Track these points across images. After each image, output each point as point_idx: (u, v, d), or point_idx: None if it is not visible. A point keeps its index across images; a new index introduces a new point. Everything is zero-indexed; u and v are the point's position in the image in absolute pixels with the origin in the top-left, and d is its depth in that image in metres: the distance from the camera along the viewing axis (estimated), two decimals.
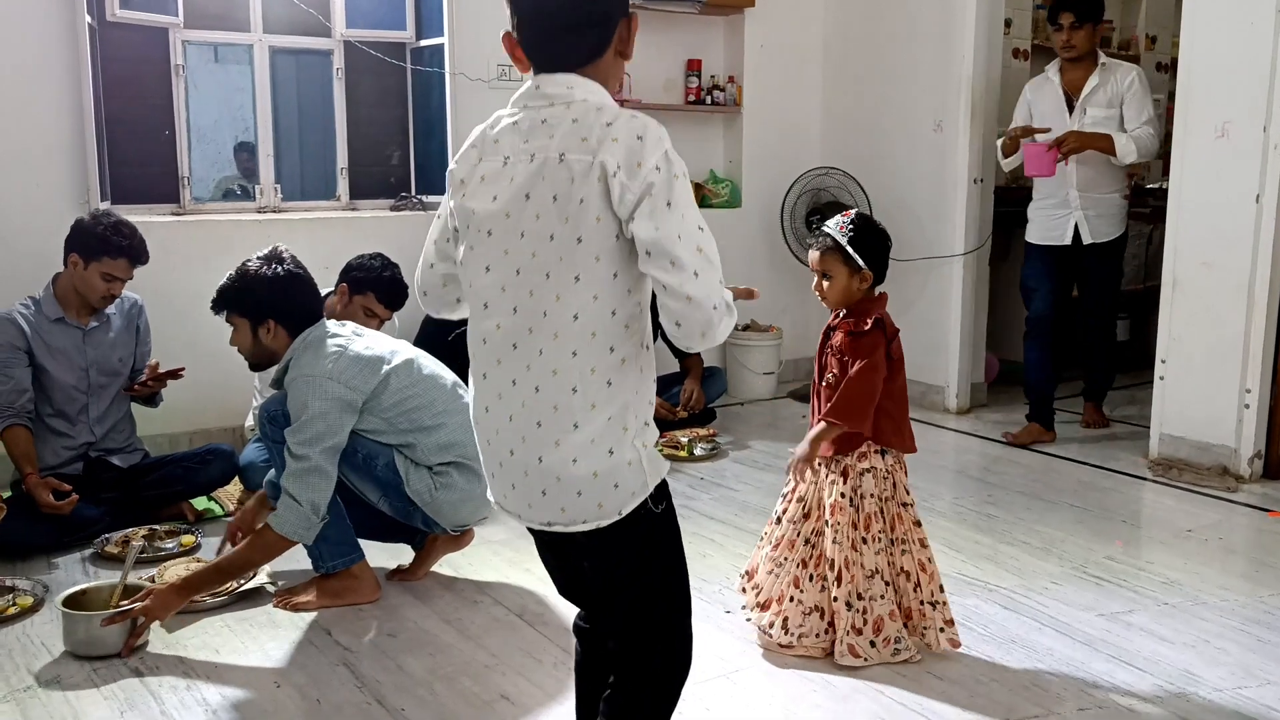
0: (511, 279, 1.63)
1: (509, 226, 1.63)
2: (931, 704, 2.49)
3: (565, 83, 1.63)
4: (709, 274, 1.56)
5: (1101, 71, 4.63)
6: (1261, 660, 2.72)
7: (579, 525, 1.65)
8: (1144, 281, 6.23)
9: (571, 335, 1.59)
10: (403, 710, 2.46)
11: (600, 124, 1.57)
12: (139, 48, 4.42)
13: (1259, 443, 4.20)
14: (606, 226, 1.57)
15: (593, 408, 1.61)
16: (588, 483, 1.62)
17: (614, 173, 1.54)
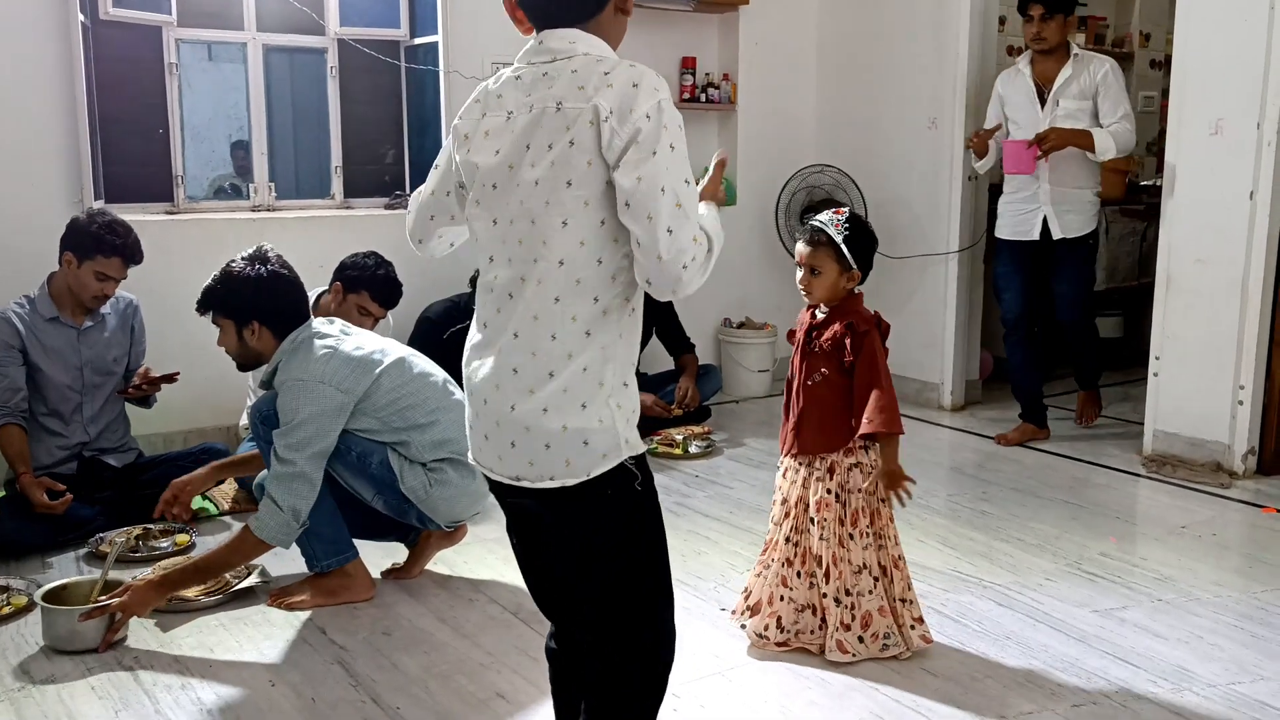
0: (508, 229, 1.64)
1: (511, 178, 1.64)
2: (926, 701, 2.50)
3: (568, 37, 1.65)
4: (684, 229, 1.56)
5: (1074, 63, 4.53)
6: (1255, 656, 2.73)
7: (545, 481, 1.63)
8: (1138, 278, 6.24)
9: (556, 280, 1.59)
10: (398, 709, 2.46)
11: (599, 73, 1.58)
12: (132, 46, 4.41)
13: (1252, 439, 4.21)
14: (596, 171, 1.57)
15: (569, 356, 1.60)
16: (556, 436, 1.60)
17: (605, 117, 1.54)
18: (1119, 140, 4.43)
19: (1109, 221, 6.07)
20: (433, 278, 4.65)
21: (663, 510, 1.74)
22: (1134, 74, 7.31)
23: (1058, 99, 4.53)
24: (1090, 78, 4.49)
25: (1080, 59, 4.54)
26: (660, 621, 1.75)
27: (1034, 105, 4.58)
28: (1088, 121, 4.48)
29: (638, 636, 1.74)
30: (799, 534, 2.72)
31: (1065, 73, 4.52)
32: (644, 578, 1.72)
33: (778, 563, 2.74)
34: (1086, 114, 4.50)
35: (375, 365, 2.95)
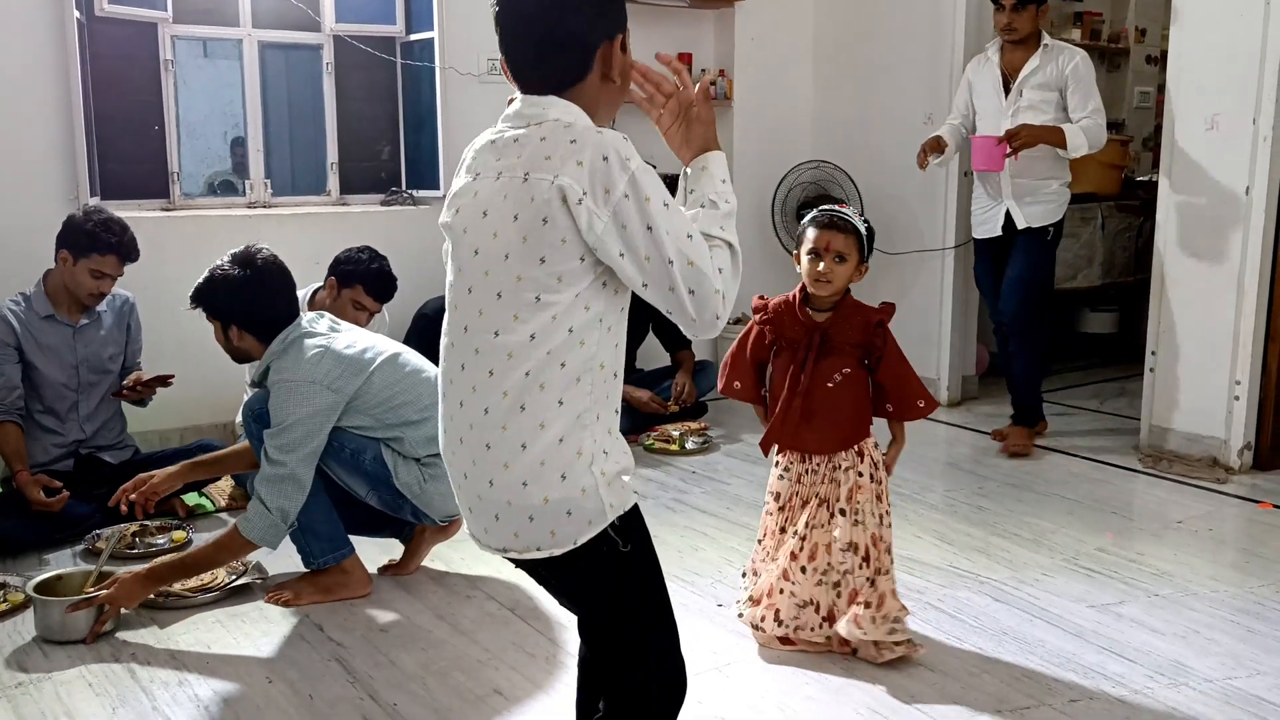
0: (464, 297, 1.61)
1: (466, 243, 1.61)
2: (923, 695, 2.50)
3: (541, 104, 1.61)
4: (704, 284, 1.55)
5: (1043, 53, 4.40)
6: (1251, 650, 2.74)
7: (532, 553, 1.61)
8: (1134, 274, 6.24)
9: (526, 355, 1.55)
10: (395, 705, 2.46)
11: (565, 142, 1.54)
12: (128, 43, 4.40)
13: (1248, 434, 4.22)
14: (571, 249, 1.53)
15: (541, 427, 1.56)
16: (539, 509, 1.58)
17: (579, 199, 1.50)
18: (1090, 136, 4.30)
19: (1105, 217, 6.09)
20: (429, 274, 4.64)
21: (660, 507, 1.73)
22: (1130, 70, 7.31)
23: (1021, 89, 4.42)
24: (1058, 69, 4.37)
25: (1050, 50, 4.41)
26: (656, 661, 1.72)
27: (998, 95, 4.49)
28: (1052, 112, 4.37)
29: (649, 667, 1.72)
30: (809, 528, 2.68)
31: (1032, 63, 4.41)
32: (642, 621, 1.71)
33: (784, 555, 2.72)
34: (1051, 105, 4.38)
35: (368, 364, 2.94)
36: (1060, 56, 4.39)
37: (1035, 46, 4.43)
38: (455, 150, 4.76)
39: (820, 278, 2.63)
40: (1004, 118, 4.42)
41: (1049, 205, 4.49)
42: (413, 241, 4.75)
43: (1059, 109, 4.38)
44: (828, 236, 2.62)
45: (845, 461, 2.68)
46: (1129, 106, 7.34)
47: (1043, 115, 4.36)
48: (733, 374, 2.82)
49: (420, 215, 4.88)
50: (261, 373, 2.95)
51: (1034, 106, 4.38)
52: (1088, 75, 4.35)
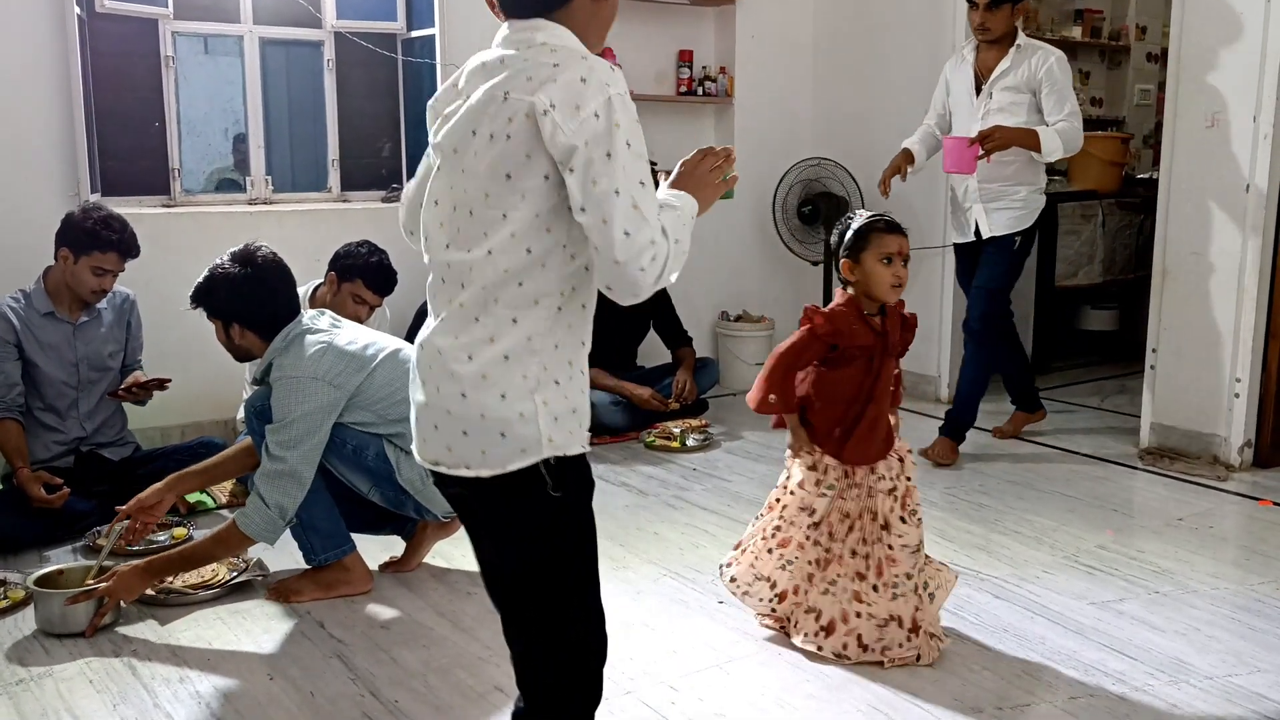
0: (449, 214, 1.62)
1: (455, 163, 1.62)
2: (924, 692, 2.50)
3: (531, 26, 1.61)
4: (641, 232, 1.49)
5: (1016, 54, 4.22)
6: (1252, 647, 2.74)
7: (461, 469, 1.59)
8: (1135, 271, 6.25)
9: (486, 270, 1.56)
10: (397, 702, 2.46)
11: (548, 64, 1.54)
12: (128, 39, 4.40)
13: (1249, 431, 4.22)
14: (535, 164, 1.53)
15: (490, 340, 1.56)
16: (474, 423, 1.56)
17: (544, 110, 1.49)
18: (1066, 139, 4.14)
19: (1105, 214, 6.09)
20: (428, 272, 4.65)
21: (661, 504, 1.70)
22: (1130, 67, 7.32)
23: (992, 90, 4.26)
24: (1030, 71, 4.20)
25: (1023, 50, 4.24)
26: (573, 642, 1.67)
27: (970, 96, 4.35)
28: (1024, 114, 4.21)
29: (549, 647, 1.67)
30: (869, 545, 2.62)
31: (1004, 63, 4.24)
32: (552, 582, 1.64)
33: (845, 578, 2.63)
34: (1024, 107, 4.22)
35: (370, 359, 2.94)
36: (1034, 57, 4.21)
37: (1009, 46, 4.26)
38: None
39: (898, 282, 2.60)
40: (974, 119, 4.30)
41: (1016, 213, 4.30)
42: None
43: (1032, 111, 4.22)
44: (899, 241, 2.60)
45: (887, 470, 2.64)
46: (1129, 104, 7.34)
47: (1013, 118, 4.21)
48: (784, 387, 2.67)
49: None
50: (263, 370, 2.95)
51: (1004, 109, 4.23)
52: (1063, 77, 4.20)
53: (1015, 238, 4.31)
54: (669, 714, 2.41)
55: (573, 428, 1.62)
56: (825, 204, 5.46)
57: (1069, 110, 4.16)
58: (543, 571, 1.64)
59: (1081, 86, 7.19)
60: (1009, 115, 4.21)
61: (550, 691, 1.70)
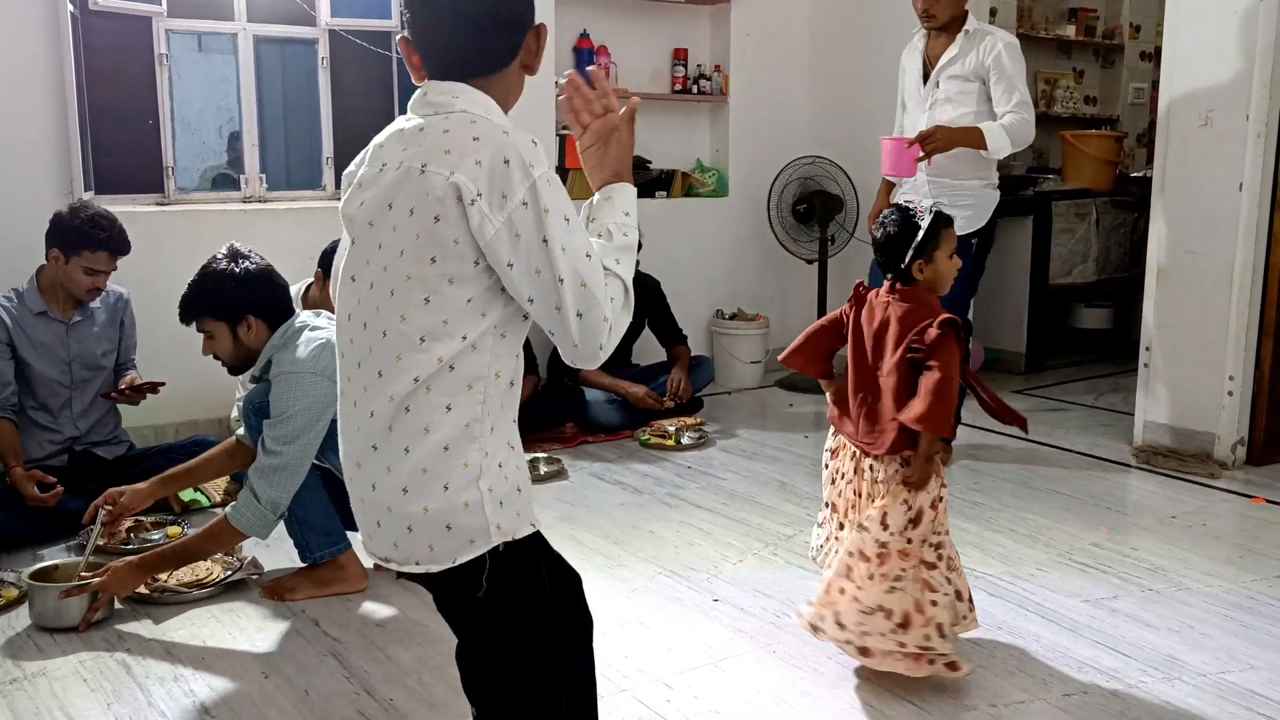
0: (366, 292, 1.54)
1: (370, 236, 1.54)
2: (918, 689, 2.50)
3: (451, 91, 1.53)
4: (593, 310, 1.45)
5: (964, 40, 4.00)
6: (1245, 645, 2.75)
7: (411, 566, 1.52)
8: (1129, 270, 6.26)
9: (414, 359, 1.47)
10: (392, 700, 2.46)
11: (468, 138, 1.46)
12: (122, 36, 4.39)
13: (1242, 429, 4.23)
14: (464, 250, 1.45)
15: (425, 431, 1.47)
16: (418, 519, 1.49)
17: (472, 200, 1.43)
18: (1013, 134, 3.91)
19: (1099, 213, 6.11)
20: None
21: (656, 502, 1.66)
22: (1124, 66, 7.33)
23: (940, 79, 4.06)
24: (979, 57, 3.97)
25: (972, 36, 4.01)
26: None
27: (919, 85, 4.15)
28: (974, 105, 4.01)
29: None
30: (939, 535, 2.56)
31: (951, 50, 4.02)
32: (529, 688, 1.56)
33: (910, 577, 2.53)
34: (973, 97, 4.01)
35: None
36: (982, 44, 3.98)
37: (957, 33, 4.04)
38: None
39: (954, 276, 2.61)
40: (922, 110, 4.12)
41: (970, 210, 4.06)
42: None
43: (982, 100, 4.01)
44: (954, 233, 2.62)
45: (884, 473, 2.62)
46: (1123, 102, 7.36)
47: (961, 108, 4.01)
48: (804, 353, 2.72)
49: None
50: (262, 367, 2.95)
51: (951, 99, 4.02)
52: (1012, 64, 3.95)
53: (971, 240, 4.05)
54: (664, 711, 2.41)
55: (520, 508, 1.55)
56: (820, 202, 5.47)
57: (1017, 100, 3.93)
58: (512, 668, 1.56)
59: (1076, 85, 7.21)
60: (957, 106, 4.01)
61: None
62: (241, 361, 3.00)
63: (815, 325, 2.77)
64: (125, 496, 3.09)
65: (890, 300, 2.58)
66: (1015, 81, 3.94)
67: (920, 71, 4.13)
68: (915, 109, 4.13)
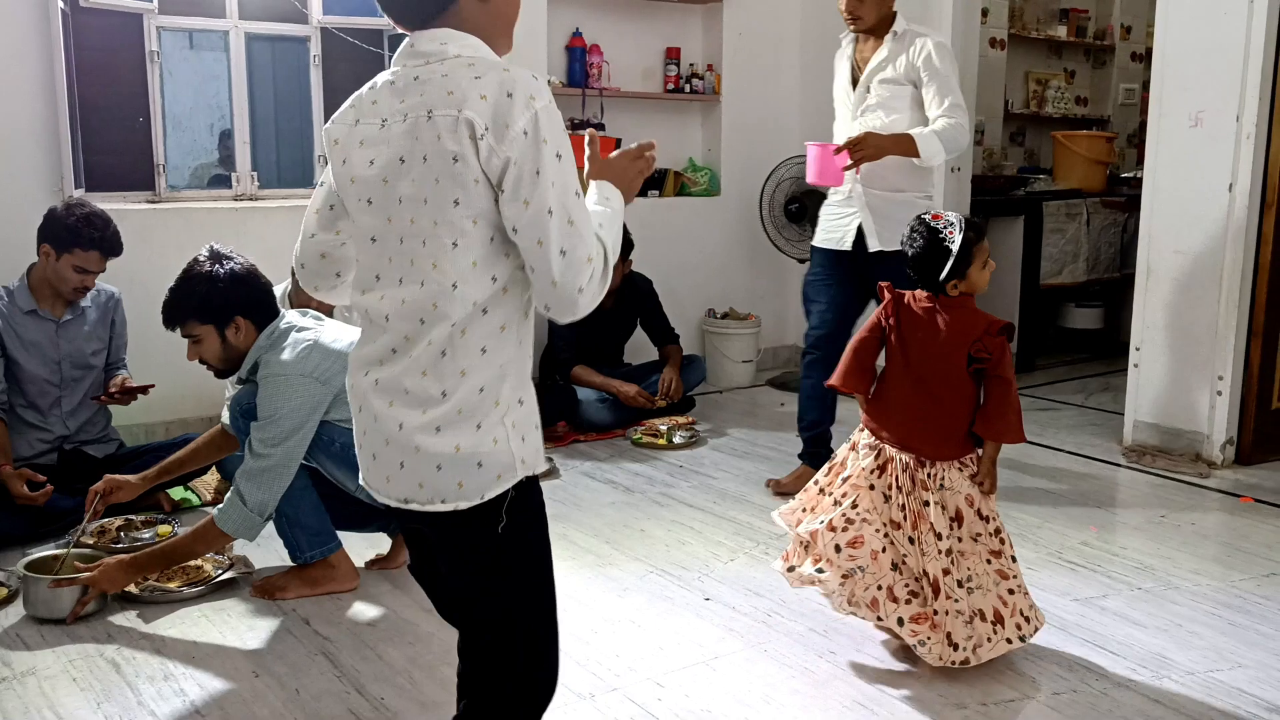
0: (396, 248, 1.55)
1: (388, 193, 1.54)
2: (908, 687, 2.51)
3: (439, 38, 1.54)
4: (577, 249, 1.48)
5: (893, 42, 3.73)
6: (1233, 643, 2.76)
7: (436, 504, 1.54)
8: (1119, 270, 6.29)
9: (450, 303, 1.50)
10: (382, 699, 2.46)
11: (469, 77, 1.47)
12: (112, 33, 4.38)
13: (1231, 429, 4.25)
14: (483, 188, 1.48)
15: (462, 374, 1.51)
16: (449, 457, 1.52)
17: (481, 133, 1.45)
18: (945, 139, 3.63)
19: (1090, 213, 6.13)
20: None
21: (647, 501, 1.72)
22: (1115, 66, 7.36)
23: (869, 84, 3.78)
24: (909, 60, 3.71)
25: (901, 38, 3.74)
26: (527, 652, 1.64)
27: (848, 90, 3.87)
28: (907, 111, 3.73)
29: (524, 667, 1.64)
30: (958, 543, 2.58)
31: (880, 54, 3.75)
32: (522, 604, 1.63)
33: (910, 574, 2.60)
34: (905, 101, 3.73)
35: None
36: (912, 46, 3.72)
37: (885, 34, 3.77)
38: None
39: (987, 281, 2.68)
40: (852, 117, 3.83)
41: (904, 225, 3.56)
42: None
43: (915, 105, 3.74)
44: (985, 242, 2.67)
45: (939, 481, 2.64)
46: (1114, 103, 7.38)
47: (894, 114, 3.73)
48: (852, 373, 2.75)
49: None
50: (249, 369, 2.94)
51: (884, 104, 3.75)
52: (944, 65, 3.69)
53: None
54: (655, 710, 2.42)
55: (537, 443, 1.60)
56: (811, 201, 5.47)
57: (950, 103, 3.67)
58: (512, 589, 1.62)
59: (1067, 85, 7.23)
60: (890, 112, 3.73)
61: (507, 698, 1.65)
62: (229, 365, 2.98)
63: (858, 340, 2.77)
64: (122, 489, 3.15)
65: (934, 308, 2.66)
66: (947, 83, 3.69)
67: (849, 77, 3.87)
68: (845, 115, 3.88)
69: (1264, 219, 4.13)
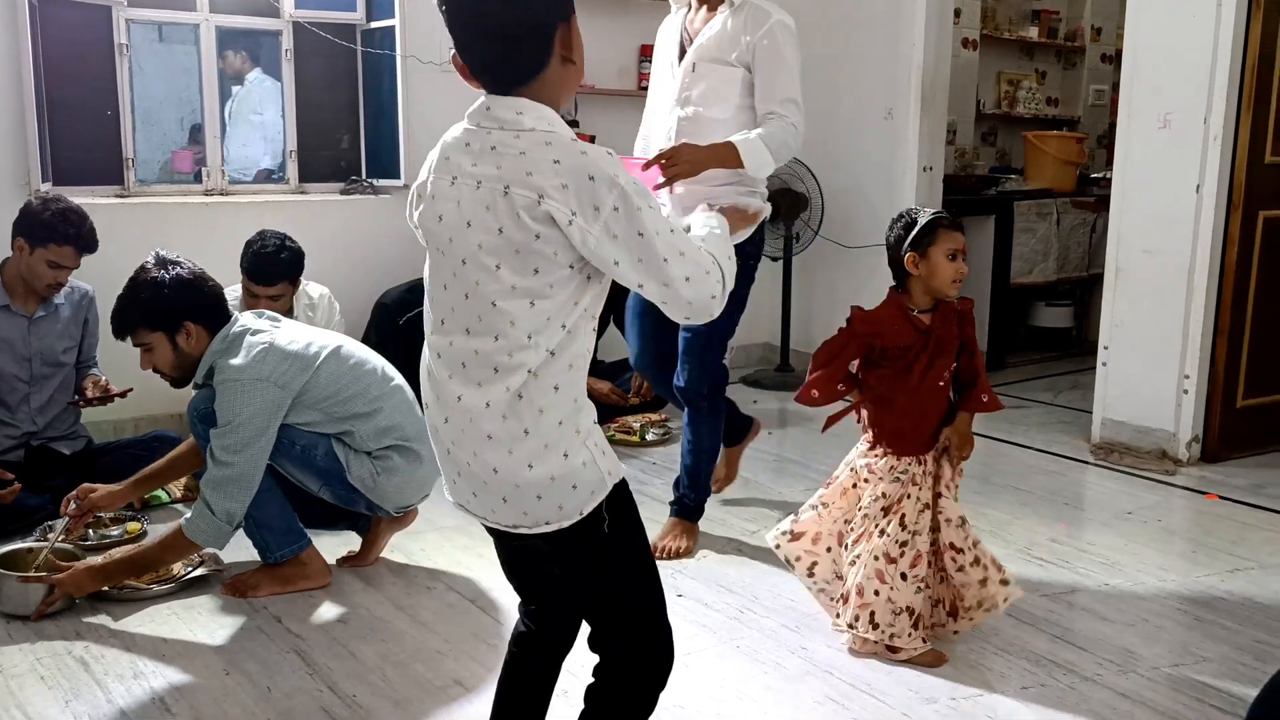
0: (461, 302, 1.64)
1: (455, 250, 1.63)
2: (878, 683, 2.53)
3: (515, 107, 1.60)
4: (697, 269, 1.61)
5: (731, 15, 3.09)
6: (1199, 638, 2.79)
7: (542, 527, 1.67)
8: (1088, 269, 6.34)
9: (525, 353, 1.60)
10: (354, 697, 2.46)
11: (548, 161, 1.56)
12: (81, 26, 4.33)
13: (1197, 427, 4.30)
14: (561, 259, 1.58)
15: (540, 412, 1.61)
16: (545, 487, 1.64)
17: (569, 220, 1.54)
18: (775, 146, 2.99)
19: (1060, 212, 6.18)
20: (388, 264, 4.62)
21: None
22: (1085, 67, 7.42)
23: (695, 61, 3.12)
24: (747, 37, 3.06)
25: (740, 9, 3.09)
26: (645, 628, 1.80)
27: (673, 66, 3.20)
28: (737, 96, 3.09)
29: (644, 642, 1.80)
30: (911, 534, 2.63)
31: (712, 26, 3.11)
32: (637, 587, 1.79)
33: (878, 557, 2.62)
34: (735, 87, 3.09)
35: (314, 358, 2.91)
36: (751, 20, 3.07)
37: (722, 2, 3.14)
38: (416, 139, 4.73)
39: (959, 277, 2.65)
40: (673, 101, 3.18)
41: None
42: (372, 231, 4.72)
43: (747, 92, 3.11)
44: (960, 237, 2.65)
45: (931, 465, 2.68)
46: (1084, 104, 7.45)
47: (724, 102, 3.10)
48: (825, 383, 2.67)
49: (380, 204, 4.85)
50: (205, 373, 2.91)
51: (712, 91, 3.09)
52: (785, 48, 3.07)
53: None
54: None
55: (612, 453, 1.73)
56: (785, 200, 5.49)
57: (783, 98, 3.05)
58: (625, 575, 1.77)
59: (1038, 86, 7.29)
60: (718, 100, 3.10)
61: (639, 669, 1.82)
62: (184, 372, 2.95)
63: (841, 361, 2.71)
64: (98, 495, 3.10)
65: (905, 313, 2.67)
66: (781, 74, 3.04)
67: (676, 53, 3.19)
68: (665, 99, 3.19)
69: (1231, 220, 4.18)
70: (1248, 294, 4.27)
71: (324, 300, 4.10)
